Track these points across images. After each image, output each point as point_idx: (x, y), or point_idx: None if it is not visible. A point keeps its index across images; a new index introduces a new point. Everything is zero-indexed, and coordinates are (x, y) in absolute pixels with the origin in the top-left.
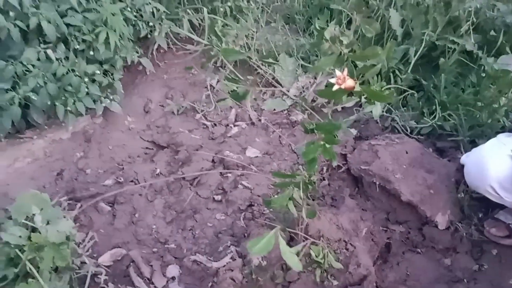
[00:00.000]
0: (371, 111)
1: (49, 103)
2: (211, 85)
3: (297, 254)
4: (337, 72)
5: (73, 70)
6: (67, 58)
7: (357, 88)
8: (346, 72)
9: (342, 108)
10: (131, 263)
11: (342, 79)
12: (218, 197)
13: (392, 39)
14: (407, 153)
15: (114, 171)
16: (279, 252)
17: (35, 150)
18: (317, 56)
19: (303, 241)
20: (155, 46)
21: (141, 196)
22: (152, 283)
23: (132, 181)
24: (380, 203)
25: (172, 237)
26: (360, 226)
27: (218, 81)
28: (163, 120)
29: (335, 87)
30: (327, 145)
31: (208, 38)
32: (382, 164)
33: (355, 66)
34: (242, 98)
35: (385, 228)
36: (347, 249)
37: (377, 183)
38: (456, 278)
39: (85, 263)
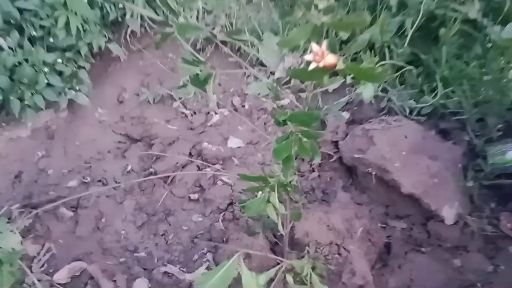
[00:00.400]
0: None
1: (0, 98)
2: None
3: (271, 280)
4: (314, 46)
5: (27, 60)
6: (22, 46)
7: (340, 65)
8: (325, 45)
9: (334, 90)
10: (89, 280)
11: (320, 55)
12: (195, 196)
13: (386, 11)
14: (406, 137)
15: (80, 170)
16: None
17: None
18: None
19: (288, 245)
20: (129, 30)
21: (108, 197)
22: None
23: (100, 180)
24: (377, 195)
25: (142, 243)
26: (354, 225)
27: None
28: (138, 111)
29: (312, 66)
30: (304, 140)
31: (163, 13)
32: (379, 151)
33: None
34: (204, 84)
35: (384, 225)
36: (339, 254)
37: (373, 173)
38: (468, 282)
39: (39, 280)
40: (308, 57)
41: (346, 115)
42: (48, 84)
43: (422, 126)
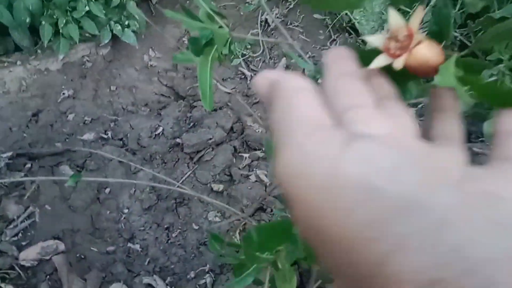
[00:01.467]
0: None
1: (28, 20)
2: (265, 21)
3: None
4: (393, 18)
5: None
6: None
7: (447, 74)
8: (417, 19)
9: None
10: (54, 272)
11: (404, 41)
12: (219, 187)
13: None
14: None
15: (105, 121)
16: None
17: (8, 80)
18: None
19: None
20: None
21: (122, 163)
22: None
23: (121, 139)
24: None
25: (142, 232)
26: None
27: (276, 17)
28: None
29: (379, 60)
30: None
31: None
32: None
33: None
34: (199, 53)
35: None
36: None
37: None
38: None
39: (5, 253)
40: (373, 39)
41: None
42: (90, 13)
43: None
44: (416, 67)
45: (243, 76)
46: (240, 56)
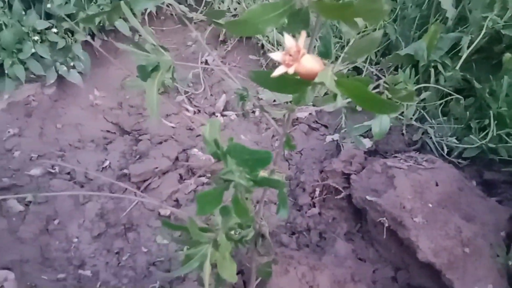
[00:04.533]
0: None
1: None
2: (205, 62)
3: None
4: (287, 39)
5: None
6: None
7: (324, 77)
8: (302, 39)
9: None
10: None
11: (294, 54)
12: (166, 212)
13: (439, 23)
14: (437, 185)
15: (51, 157)
16: None
17: None
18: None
19: None
20: (148, 10)
21: (70, 195)
22: None
23: (69, 173)
24: (387, 252)
25: (92, 259)
26: None
27: (214, 59)
28: (139, 100)
29: (278, 70)
30: (239, 196)
31: None
32: (397, 197)
33: None
34: (147, 77)
35: None
36: None
37: (386, 224)
38: None
39: None
40: (274, 55)
41: (367, 142)
42: (36, 55)
43: (461, 173)
44: (304, 73)
45: (186, 112)
46: (183, 94)
